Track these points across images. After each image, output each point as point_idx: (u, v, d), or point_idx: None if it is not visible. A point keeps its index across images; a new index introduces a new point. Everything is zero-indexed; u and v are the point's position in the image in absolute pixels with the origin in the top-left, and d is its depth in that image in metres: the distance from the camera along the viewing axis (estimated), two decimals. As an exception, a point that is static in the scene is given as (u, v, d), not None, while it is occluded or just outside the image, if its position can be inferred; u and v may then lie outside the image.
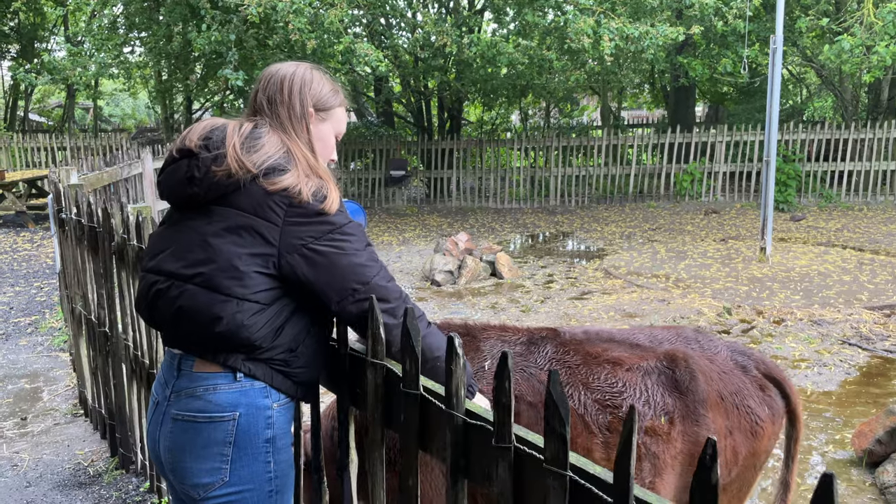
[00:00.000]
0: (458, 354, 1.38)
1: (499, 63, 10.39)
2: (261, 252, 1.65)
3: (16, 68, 13.99)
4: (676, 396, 2.20)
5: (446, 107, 14.62)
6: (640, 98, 22.69)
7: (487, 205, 14.28)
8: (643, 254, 9.52)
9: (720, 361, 2.34)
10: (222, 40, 9.60)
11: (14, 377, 5.21)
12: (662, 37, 10.13)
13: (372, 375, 1.64)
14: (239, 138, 1.70)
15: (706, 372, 2.26)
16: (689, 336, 2.44)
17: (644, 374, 2.24)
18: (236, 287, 1.63)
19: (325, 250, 1.68)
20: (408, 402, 1.53)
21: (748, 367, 2.36)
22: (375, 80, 14.11)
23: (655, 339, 2.41)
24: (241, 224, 1.65)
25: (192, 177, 1.68)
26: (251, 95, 1.85)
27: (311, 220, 1.68)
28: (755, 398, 2.29)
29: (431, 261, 8.28)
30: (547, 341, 2.34)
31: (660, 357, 2.28)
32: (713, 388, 2.23)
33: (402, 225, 12.23)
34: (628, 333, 2.44)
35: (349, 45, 8.87)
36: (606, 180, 14.47)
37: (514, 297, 7.51)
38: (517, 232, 11.80)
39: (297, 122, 1.80)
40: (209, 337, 1.65)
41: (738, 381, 2.30)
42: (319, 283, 1.68)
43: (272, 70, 1.85)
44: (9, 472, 3.82)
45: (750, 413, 2.26)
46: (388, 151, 14.32)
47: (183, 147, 1.73)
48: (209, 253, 1.65)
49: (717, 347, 2.40)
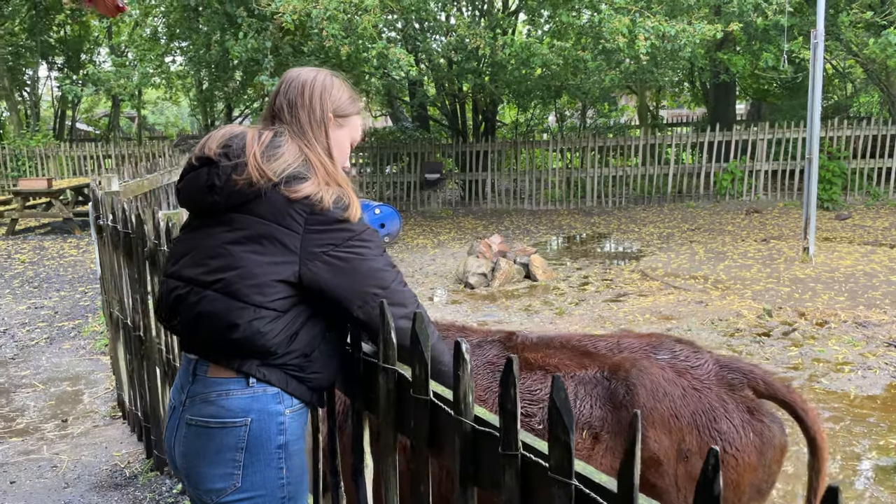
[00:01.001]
0: (466, 360, 1.36)
1: (532, 64, 10.33)
2: (281, 260, 1.67)
3: (63, 80, 14.41)
4: (609, 410, 2.02)
5: (480, 109, 14.60)
6: (680, 97, 22.33)
7: (523, 207, 14.22)
8: (681, 255, 9.36)
9: (695, 376, 2.08)
10: (258, 47, 9.75)
11: (57, 380, 5.36)
12: (700, 34, 9.96)
13: (384, 380, 1.64)
14: (259, 147, 1.71)
15: (656, 386, 2.03)
16: (665, 345, 2.20)
17: (577, 384, 2.08)
18: (255, 295, 1.64)
19: (346, 256, 1.69)
20: (417, 408, 1.53)
21: (737, 385, 2.09)
22: (410, 84, 14.16)
23: (616, 348, 2.20)
24: (261, 233, 1.66)
25: (212, 185, 1.70)
26: (270, 99, 1.87)
27: (332, 227, 1.69)
28: (733, 421, 2.02)
29: (465, 263, 8.27)
30: (494, 344, 2.26)
31: (604, 367, 2.11)
32: (663, 405, 2.00)
33: (436, 228, 12.24)
34: (590, 340, 2.26)
35: (382, 51, 8.92)
36: (644, 180, 14.28)
37: (548, 300, 7.44)
38: (553, 233, 11.71)
39: (317, 127, 1.81)
40: (225, 343, 1.66)
41: (712, 401, 2.03)
42: (341, 289, 1.69)
43: (292, 74, 1.86)
44: (49, 472, 3.92)
45: (718, 437, 1.99)
46: (423, 155, 14.36)
47: (202, 155, 1.75)
48: (229, 260, 1.67)
49: (700, 361, 2.14)
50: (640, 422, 1.01)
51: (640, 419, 1.01)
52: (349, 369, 1.82)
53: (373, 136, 16.55)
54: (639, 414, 1.01)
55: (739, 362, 2.20)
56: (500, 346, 2.26)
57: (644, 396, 2.01)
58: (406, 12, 10.23)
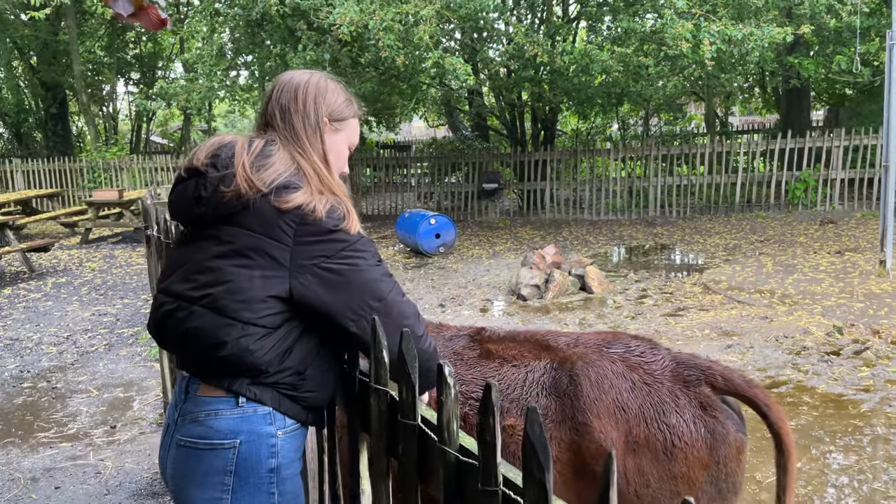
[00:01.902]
0: (450, 385, 1.26)
1: (592, 71, 10.12)
2: (271, 274, 1.59)
3: (137, 95, 15.01)
4: (553, 399, 2.07)
5: (539, 118, 14.42)
6: (751, 103, 21.55)
7: (582, 216, 13.94)
8: (747, 267, 8.94)
9: (648, 371, 2.10)
10: (317, 59, 9.88)
11: (110, 386, 5.49)
12: (769, 37, 9.55)
13: (375, 402, 1.54)
14: (249, 156, 1.65)
15: (601, 378, 2.06)
16: (620, 341, 2.23)
17: (528, 372, 2.13)
18: (244, 311, 1.57)
19: (338, 268, 1.61)
20: (406, 433, 1.42)
21: (693, 381, 2.07)
22: (468, 94, 14.11)
23: (575, 342, 2.24)
24: (250, 245, 1.59)
25: (199, 196, 1.64)
26: (262, 105, 1.81)
27: (324, 238, 1.61)
28: (683, 416, 2.01)
29: (517, 274, 8.12)
30: (464, 337, 2.34)
31: (554, 358, 2.15)
32: (609, 397, 2.02)
33: (493, 238, 12.12)
34: (553, 336, 2.32)
35: (438, 60, 8.89)
36: (711, 189, 13.78)
37: (603, 313, 7.21)
38: (612, 244, 11.41)
39: (312, 133, 1.74)
40: (213, 361, 1.60)
41: (663, 395, 2.04)
42: (335, 303, 1.60)
43: (285, 78, 1.79)
44: (92, 479, 3.99)
45: (667, 430, 1.99)
46: (481, 164, 14.28)
47: (190, 166, 1.70)
48: (217, 275, 1.60)
49: (656, 357, 2.15)
50: (615, 464, 0.88)
51: (615, 461, 0.88)
52: (345, 388, 1.74)
53: (431, 146, 16.58)
54: (613, 455, 0.88)
55: (697, 359, 2.19)
56: (469, 338, 2.33)
57: (587, 387, 2.04)
58: (463, 21, 10.20)
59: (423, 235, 10.34)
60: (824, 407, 4.71)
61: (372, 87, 10.83)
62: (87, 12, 16.91)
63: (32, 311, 7.88)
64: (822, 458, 4.02)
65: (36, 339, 6.78)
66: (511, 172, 14.56)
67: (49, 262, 10.83)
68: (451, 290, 8.42)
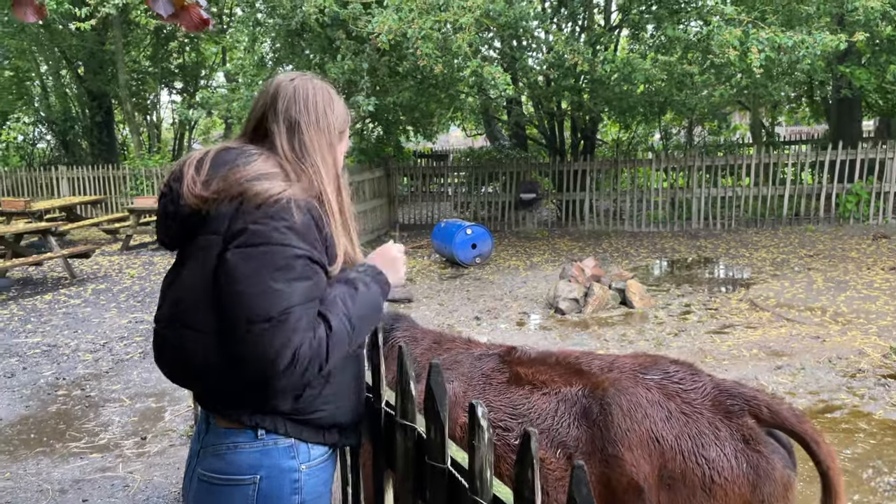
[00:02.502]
0: (483, 428, 1.11)
1: (634, 80, 9.89)
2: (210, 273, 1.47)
3: (179, 104, 15.22)
4: (584, 430, 1.92)
5: (579, 127, 14.18)
6: (798, 112, 20.95)
7: (623, 228, 13.64)
8: (796, 283, 8.60)
9: (686, 400, 1.93)
10: (355, 68, 9.85)
11: (143, 395, 5.46)
12: (821, 45, 9.21)
13: (402, 438, 1.40)
14: (194, 171, 1.52)
15: (634, 407, 1.89)
16: (658, 366, 2.05)
17: (560, 401, 1.99)
18: (200, 321, 1.45)
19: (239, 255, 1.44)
20: (434, 477, 1.28)
21: (736, 411, 1.90)
22: (507, 103, 13.96)
23: (609, 367, 2.08)
24: (202, 246, 1.48)
25: (167, 212, 1.55)
26: (254, 113, 1.62)
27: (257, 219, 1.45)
28: (724, 449, 1.84)
29: (555, 287, 7.92)
30: (493, 358, 2.22)
31: (586, 384, 2.00)
32: (641, 427, 1.86)
33: (530, 249, 11.92)
34: (586, 358, 2.16)
35: (476, 69, 8.77)
36: (757, 201, 13.37)
37: (645, 329, 6.97)
38: (654, 257, 11.12)
39: (328, 151, 1.61)
40: (196, 383, 1.50)
41: (702, 426, 1.87)
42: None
43: (285, 86, 1.61)
44: (120, 492, 3.93)
45: (706, 464, 1.83)
46: (519, 174, 14.09)
47: (163, 185, 1.59)
48: (182, 289, 1.49)
49: (696, 384, 1.98)
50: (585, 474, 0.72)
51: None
52: (371, 420, 1.60)
53: (469, 155, 16.44)
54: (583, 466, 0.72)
55: (742, 388, 2.01)
56: (498, 359, 2.22)
57: (618, 416, 1.89)
58: (503, 29, 10.07)
59: (458, 245, 10.21)
60: (882, 434, 4.42)
61: (410, 95, 10.76)
62: (133, 22, 17.24)
63: (72, 317, 7.94)
64: (880, 490, 3.76)
65: (73, 346, 6.81)
66: (549, 182, 14.34)
67: (90, 268, 10.97)
68: (486, 303, 8.26)
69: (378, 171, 13.92)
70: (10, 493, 3.92)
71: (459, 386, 2.11)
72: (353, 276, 1.53)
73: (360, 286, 1.50)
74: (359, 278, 1.53)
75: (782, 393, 5.13)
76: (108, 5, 11.00)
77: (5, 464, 4.30)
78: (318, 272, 1.43)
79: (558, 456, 1.90)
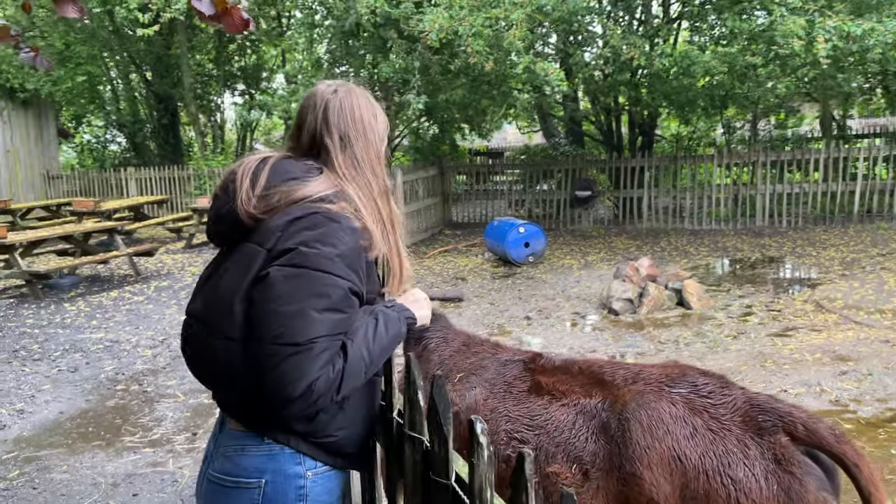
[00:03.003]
0: (483, 445, 1.05)
1: (694, 73, 9.58)
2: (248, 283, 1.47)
3: (241, 106, 15.58)
4: (602, 445, 1.83)
5: (637, 122, 13.86)
6: (873, 103, 19.95)
7: (683, 226, 13.27)
8: (867, 284, 8.18)
9: (714, 415, 1.80)
10: (407, 67, 9.87)
11: (196, 391, 5.57)
12: (892, 33, 8.74)
13: (410, 451, 1.36)
14: (249, 184, 1.53)
15: (654, 423, 1.78)
16: (687, 378, 1.91)
17: (578, 413, 1.90)
18: (227, 326, 1.45)
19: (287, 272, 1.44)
20: (438, 493, 1.23)
21: (768, 428, 1.76)
22: (564, 98, 13.73)
23: (634, 378, 1.96)
24: (247, 253, 1.48)
25: (219, 215, 1.56)
26: (306, 127, 1.62)
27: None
28: (753, 469, 1.70)
29: (609, 287, 7.75)
30: (518, 364, 2.16)
31: (606, 397, 1.91)
32: (662, 445, 1.75)
33: (585, 247, 11.71)
34: (611, 368, 2.05)
35: (528, 65, 8.65)
36: (826, 198, 12.80)
37: (702, 331, 6.75)
38: (715, 256, 10.77)
39: (377, 161, 1.62)
40: (216, 384, 1.50)
41: (730, 444, 1.74)
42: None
43: (331, 99, 1.60)
44: (169, 487, 4.01)
45: (731, 485, 1.70)
46: (574, 171, 13.87)
47: (218, 187, 1.61)
48: (218, 291, 1.50)
49: (726, 398, 1.85)
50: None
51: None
52: (384, 429, 1.56)
53: (524, 153, 16.29)
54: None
55: (776, 403, 1.85)
56: (523, 366, 2.17)
57: (638, 433, 1.79)
58: (557, 24, 9.91)
59: (511, 244, 10.11)
60: (957, 447, 4.15)
61: (462, 93, 10.70)
62: (197, 27, 17.73)
63: (134, 313, 8.21)
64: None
65: (134, 342, 7.03)
66: (606, 179, 14.08)
67: (154, 266, 11.33)
68: (538, 302, 8.15)
69: (432, 170, 13.92)
70: (66, 486, 4.05)
71: (481, 393, 2.06)
72: (380, 310, 1.53)
73: (385, 320, 1.50)
74: (385, 312, 1.53)
75: (847, 400, 4.88)
76: (171, 10, 11.33)
77: (63, 457, 4.45)
78: (353, 305, 1.43)
79: (574, 471, 1.82)
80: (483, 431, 1.05)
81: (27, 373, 6.13)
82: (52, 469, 4.28)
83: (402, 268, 1.60)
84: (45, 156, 17.45)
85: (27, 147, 16.92)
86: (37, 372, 6.15)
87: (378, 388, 1.59)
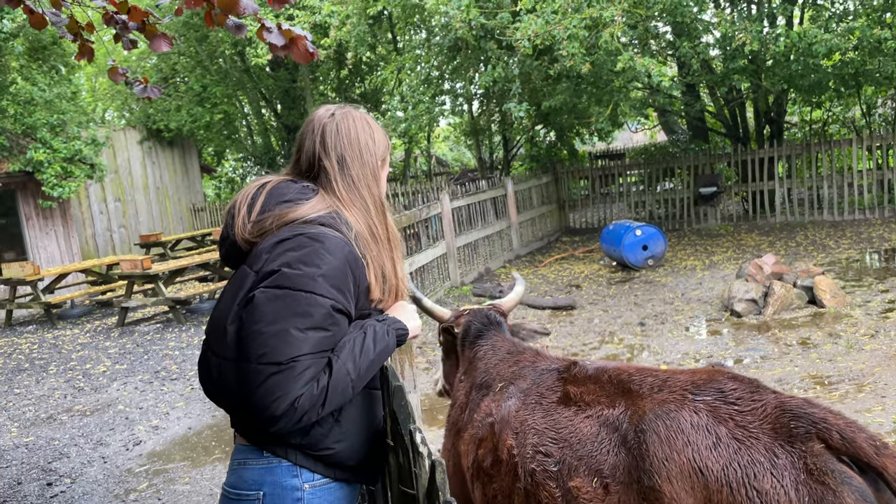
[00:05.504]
0: (422, 455, 1.04)
1: (816, 52, 8.89)
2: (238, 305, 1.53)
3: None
4: (621, 457, 1.74)
5: (762, 111, 13.00)
6: None
7: (821, 217, 12.26)
8: None
9: (740, 423, 1.66)
10: (506, 76, 9.87)
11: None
12: None
13: (394, 461, 1.36)
14: (246, 211, 1.62)
15: (674, 434, 1.69)
16: (714, 384, 1.77)
17: (601, 425, 1.86)
18: (223, 346, 1.53)
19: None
20: (406, 503, 1.22)
21: (800, 435, 1.59)
22: (686, 91, 13.10)
23: (661, 385, 1.84)
24: (240, 276, 1.56)
25: (222, 239, 1.66)
26: (305, 151, 1.68)
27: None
28: (781, 480, 1.55)
29: (730, 288, 7.31)
30: (553, 374, 2.12)
31: (629, 407, 1.81)
32: (682, 457, 1.66)
33: (711, 247, 11.11)
34: (640, 376, 1.93)
35: (628, 62, 8.39)
36: None
37: (835, 331, 6.20)
38: (857, 248, 9.87)
39: (373, 180, 1.66)
40: (223, 402, 1.57)
41: (757, 454, 1.59)
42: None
43: (328, 122, 1.66)
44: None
45: (757, 498, 1.55)
46: (697, 167, 13.23)
47: (226, 211, 1.71)
48: (216, 312, 1.60)
49: (756, 404, 1.69)
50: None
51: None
52: (378, 450, 1.57)
53: (643, 154, 15.74)
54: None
55: (811, 407, 1.67)
56: (557, 375, 2.13)
57: (655, 445, 1.69)
58: (660, 16, 9.55)
59: (628, 248, 9.79)
60: None
61: (565, 98, 10.53)
62: (319, 59, 18.69)
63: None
64: None
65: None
66: (733, 173, 13.31)
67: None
68: (654, 307, 7.83)
69: (546, 177, 13.78)
70: (186, 497, 4.36)
71: (514, 404, 2.02)
72: (369, 325, 1.54)
73: (372, 334, 1.51)
74: (374, 326, 1.54)
75: None
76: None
77: (186, 469, 4.80)
78: (338, 323, 1.46)
79: (595, 485, 1.74)
80: (423, 441, 1.04)
81: (165, 391, 6.66)
82: (177, 481, 4.62)
83: (399, 284, 1.62)
84: (190, 190, 19.01)
85: (175, 183, 18.50)
86: (173, 391, 6.67)
87: (378, 401, 1.60)
